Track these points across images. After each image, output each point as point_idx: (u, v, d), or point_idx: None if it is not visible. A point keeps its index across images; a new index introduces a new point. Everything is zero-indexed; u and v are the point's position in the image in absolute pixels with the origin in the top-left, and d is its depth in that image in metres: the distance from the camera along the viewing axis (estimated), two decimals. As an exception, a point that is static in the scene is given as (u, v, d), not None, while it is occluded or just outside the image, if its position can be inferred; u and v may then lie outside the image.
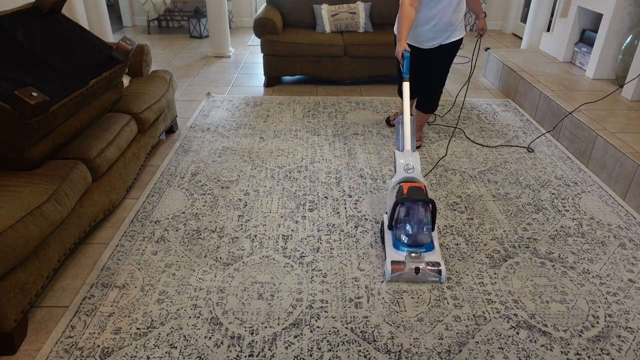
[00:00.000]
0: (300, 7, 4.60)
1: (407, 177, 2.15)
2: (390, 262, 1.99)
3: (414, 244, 2.02)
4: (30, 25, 2.20)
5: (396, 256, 2.02)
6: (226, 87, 4.42)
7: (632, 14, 3.57)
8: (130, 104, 2.72)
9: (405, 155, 2.21)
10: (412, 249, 2.02)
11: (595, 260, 2.14)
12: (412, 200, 1.98)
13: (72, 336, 1.72)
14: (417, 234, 2.02)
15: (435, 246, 2.05)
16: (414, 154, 2.21)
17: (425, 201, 1.97)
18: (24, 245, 1.61)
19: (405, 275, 1.98)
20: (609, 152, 2.76)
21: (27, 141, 1.86)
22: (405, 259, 1.99)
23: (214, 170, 2.88)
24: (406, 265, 1.97)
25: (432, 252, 2.03)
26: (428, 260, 1.99)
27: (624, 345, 1.71)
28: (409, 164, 2.18)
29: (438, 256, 2.02)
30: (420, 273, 1.96)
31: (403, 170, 2.17)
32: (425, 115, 3.16)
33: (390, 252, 2.05)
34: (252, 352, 1.66)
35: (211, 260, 2.11)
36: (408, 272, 1.97)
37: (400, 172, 2.17)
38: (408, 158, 2.19)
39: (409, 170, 2.16)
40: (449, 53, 2.91)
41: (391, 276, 1.98)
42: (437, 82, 3.02)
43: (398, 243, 2.05)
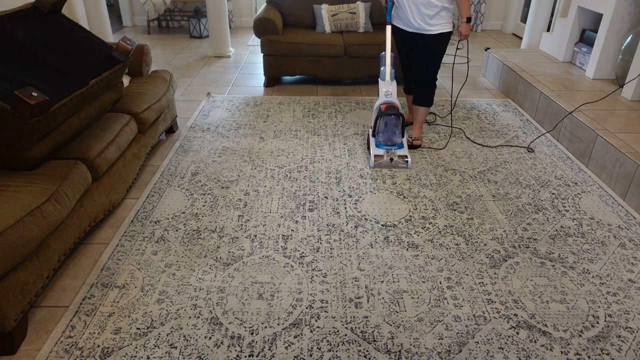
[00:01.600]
0: (300, 7, 4.60)
1: (386, 101, 2.90)
2: (374, 155, 2.89)
3: (390, 144, 2.94)
4: (30, 25, 2.20)
5: (378, 152, 2.91)
6: (226, 87, 4.42)
7: (632, 14, 3.57)
8: (130, 104, 2.72)
9: (385, 84, 2.96)
10: (388, 147, 2.93)
11: (595, 260, 2.14)
12: (388, 114, 2.82)
13: (72, 336, 1.72)
14: (391, 137, 2.92)
15: (404, 145, 2.94)
16: (392, 82, 2.96)
17: (397, 115, 2.82)
18: (24, 245, 1.61)
19: (383, 163, 2.87)
20: (609, 152, 2.76)
21: (27, 141, 1.86)
22: (384, 154, 2.89)
23: (214, 170, 2.88)
24: (384, 157, 2.87)
25: (402, 149, 2.93)
26: (399, 154, 2.89)
27: (624, 345, 1.71)
28: (388, 90, 2.94)
29: (406, 151, 2.92)
30: (393, 162, 2.87)
31: (384, 95, 2.94)
32: (420, 109, 3.17)
33: (374, 149, 2.92)
34: (252, 352, 1.66)
35: (211, 260, 2.11)
36: (385, 161, 2.87)
37: (382, 97, 2.94)
38: (388, 86, 2.95)
39: (388, 95, 2.93)
40: (428, 45, 2.96)
41: (374, 164, 2.88)
42: (421, 73, 3.07)
43: (379, 144, 2.95)
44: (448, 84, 4.48)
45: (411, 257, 2.15)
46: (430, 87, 3.12)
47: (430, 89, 3.12)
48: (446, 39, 2.96)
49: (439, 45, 2.96)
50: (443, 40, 2.95)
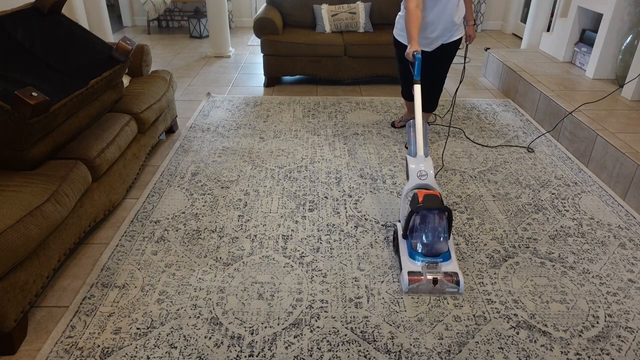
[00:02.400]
0: (300, 7, 4.60)
1: (421, 184, 2.10)
2: (407, 272, 1.93)
3: (430, 254, 1.96)
4: (30, 25, 2.20)
5: (413, 267, 1.95)
6: (226, 87, 4.42)
7: (632, 14, 3.57)
8: (130, 104, 2.72)
9: (418, 161, 2.16)
10: (428, 259, 1.95)
11: (595, 260, 2.14)
12: (428, 209, 1.92)
13: (72, 336, 1.72)
14: (433, 244, 1.96)
15: (452, 256, 1.98)
16: (427, 159, 2.16)
17: (442, 209, 1.92)
18: (24, 245, 1.61)
19: (422, 286, 1.91)
20: (609, 152, 2.76)
21: (27, 141, 1.86)
22: (422, 270, 1.93)
23: (214, 170, 2.88)
24: (424, 276, 1.91)
25: (449, 262, 1.96)
26: (445, 271, 1.92)
27: (624, 345, 1.71)
28: (422, 170, 2.13)
29: (455, 266, 1.95)
30: (438, 284, 1.90)
31: (416, 177, 2.12)
32: (425, 115, 3.17)
33: (406, 262, 1.97)
34: (252, 352, 1.66)
35: (211, 260, 2.11)
36: (425, 283, 1.90)
37: (414, 179, 2.12)
38: (421, 164, 2.14)
39: (422, 177, 2.11)
40: (449, 53, 2.94)
41: (409, 287, 1.91)
42: (437, 82, 3.05)
43: (414, 253, 1.98)
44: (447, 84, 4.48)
45: (411, 257, 2.14)
46: (439, 93, 3.13)
47: (438, 95, 3.13)
48: (460, 43, 2.95)
49: (455, 50, 2.95)
50: (458, 46, 2.94)
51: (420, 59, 2.43)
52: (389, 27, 4.62)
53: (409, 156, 2.21)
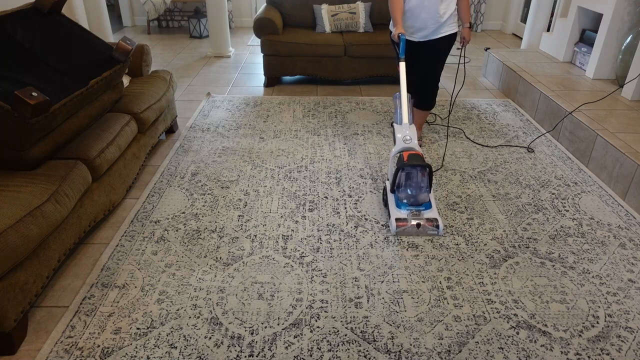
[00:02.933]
0: (300, 7, 4.60)
1: (406, 147, 2.38)
2: (395, 219, 2.27)
3: (415, 204, 2.30)
4: (30, 25, 2.20)
5: (399, 214, 2.29)
6: (226, 87, 4.42)
7: (632, 14, 3.57)
8: (130, 104, 2.72)
9: (403, 128, 2.46)
10: (413, 208, 2.30)
11: (595, 260, 2.14)
12: (412, 166, 2.22)
13: (72, 336, 1.72)
14: (416, 195, 2.29)
15: (432, 205, 2.33)
16: (411, 126, 2.46)
17: (423, 166, 2.23)
18: (24, 245, 1.61)
19: (408, 229, 2.25)
20: (609, 152, 2.76)
21: (27, 141, 1.86)
22: (408, 217, 2.27)
23: (214, 170, 2.88)
24: (409, 221, 2.25)
25: (431, 210, 2.31)
26: (427, 217, 2.27)
27: (624, 345, 1.71)
28: (406, 135, 2.43)
29: (435, 213, 2.30)
30: (421, 228, 2.25)
31: (402, 142, 2.42)
32: (423, 113, 3.16)
33: (394, 211, 2.32)
34: (252, 352, 1.66)
35: (211, 260, 2.11)
36: (410, 227, 2.25)
37: (400, 143, 2.42)
38: (406, 131, 2.45)
39: (407, 141, 2.41)
40: (438, 49, 2.91)
41: (396, 231, 2.26)
42: (429, 78, 3.03)
43: (400, 203, 2.32)
44: (447, 84, 4.48)
45: (411, 257, 2.15)
46: (435, 90, 3.10)
47: (434, 93, 3.10)
48: (454, 40, 2.94)
49: (448, 46, 2.93)
50: (452, 41, 2.93)
51: (404, 39, 2.65)
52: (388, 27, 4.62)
53: (395, 124, 2.52)
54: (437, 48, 2.91)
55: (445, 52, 2.95)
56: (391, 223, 2.29)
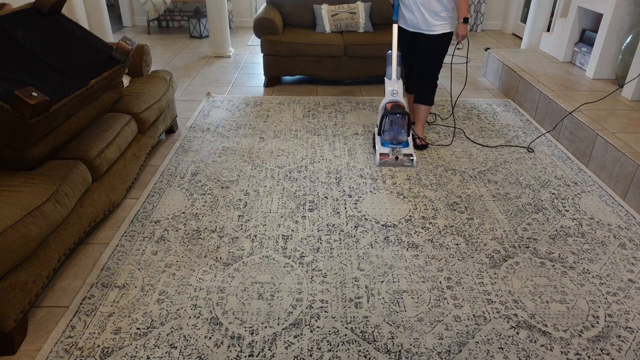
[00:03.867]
0: (300, 7, 4.60)
1: (392, 100, 2.92)
2: (379, 153, 2.91)
3: (395, 142, 2.95)
4: (30, 25, 2.20)
5: (383, 150, 2.92)
6: (226, 87, 4.42)
7: (632, 14, 3.57)
8: (130, 104, 2.72)
9: (392, 82, 2.96)
10: (393, 145, 2.94)
11: (595, 260, 2.14)
12: (394, 113, 2.85)
13: (72, 336, 1.72)
14: (397, 136, 2.94)
15: (409, 143, 2.96)
16: (399, 81, 2.96)
17: (403, 113, 2.85)
18: (24, 245, 1.61)
19: (389, 161, 2.89)
20: (609, 152, 2.76)
21: (27, 141, 1.86)
22: (389, 152, 2.90)
23: (214, 170, 2.88)
24: (389, 155, 2.88)
25: (408, 147, 2.94)
26: (404, 153, 2.90)
27: (624, 345, 1.71)
28: (394, 89, 2.95)
29: (411, 149, 2.94)
30: (399, 160, 2.88)
31: (390, 94, 2.95)
32: (422, 107, 3.17)
33: (379, 147, 2.94)
34: (252, 352, 1.66)
35: (211, 260, 2.11)
36: (391, 159, 2.88)
37: (388, 96, 2.95)
38: (394, 85, 2.95)
39: (394, 94, 2.95)
40: (431, 45, 2.97)
41: (379, 162, 2.89)
42: (422, 71, 3.08)
43: (384, 142, 2.96)
44: (448, 83, 4.48)
45: (411, 257, 2.15)
46: (431, 86, 3.13)
47: (431, 88, 3.13)
48: (448, 39, 2.97)
49: (441, 45, 2.98)
50: (445, 40, 2.96)
51: (397, 3, 2.95)
52: (389, 27, 4.61)
53: (386, 78, 2.99)
54: (431, 44, 2.97)
55: (440, 49, 3.00)
56: (376, 157, 2.91)
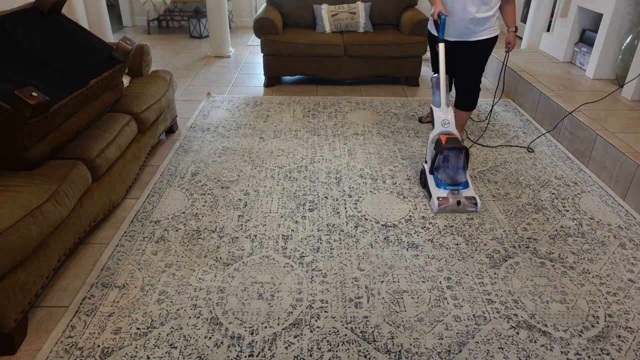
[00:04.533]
0: (300, 7, 4.60)
1: (444, 131, 2.57)
2: (437, 198, 2.47)
3: (453, 184, 2.51)
4: (30, 25, 2.20)
5: (441, 193, 2.49)
6: (226, 87, 4.42)
7: (632, 14, 3.57)
8: (130, 104, 2.72)
9: (442, 111, 2.61)
10: (452, 187, 2.50)
11: (595, 260, 2.14)
12: (450, 149, 2.43)
13: (72, 336, 1.72)
14: (455, 176, 2.51)
15: (469, 184, 2.53)
16: (449, 109, 2.61)
17: (460, 148, 2.44)
18: (24, 245, 1.61)
19: (449, 207, 2.45)
20: (609, 152, 2.76)
21: (27, 141, 1.86)
22: (448, 195, 2.47)
23: (214, 170, 2.88)
24: (449, 200, 2.45)
25: (468, 189, 2.52)
26: (466, 196, 2.48)
27: (624, 345, 1.71)
28: (445, 119, 2.60)
29: (472, 192, 2.52)
30: (460, 205, 2.45)
31: (441, 125, 2.60)
32: (464, 113, 3.14)
33: (435, 190, 2.52)
34: (252, 352, 1.66)
35: (211, 260, 2.11)
36: (452, 204, 2.44)
37: (438, 126, 2.60)
38: (445, 114, 2.61)
39: (445, 125, 2.59)
40: (474, 51, 2.87)
41: (438, 209, 2.45)
42: (467, 78, 2.99)
43: (440, 183, 2.52)
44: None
45: (411, 257, 2.15)
46: (475, 92, 3.06)
47: (474, 93, 3.07)
48: (494, 43, 2.89)
49: (487, 49, 2.89)
50: (492, 45, 2.88)
51: (445, 19, 2.67)
52: (389, 27, 4.63)
53: (433, 106, 2.65)
54: (473, 50, 2.86)
55: (483, 55, 2.90)
56: (433, 202, 2.48)
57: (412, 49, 4.25)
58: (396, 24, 4.69)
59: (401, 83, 4.58)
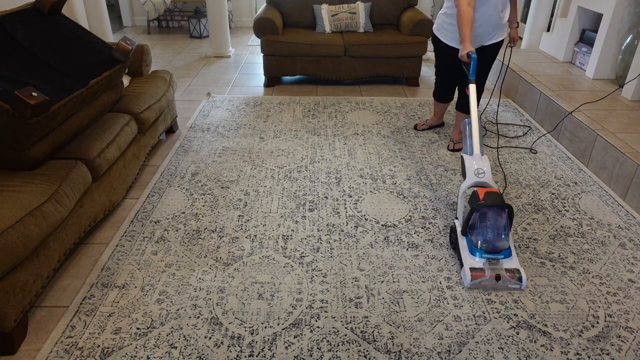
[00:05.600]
0: (300, 7, 4.60)
1: (479, 182, 2.14)
2: (470, 268, 1.95)
3: (492, 251, 1.99)
4: (30, 25, 2.20)
5: (474, 263, 1.98)
6: (226, 87, 4.42)
7: (632, 14, 3.57)
8: (130, 104, 2.72)
9: (475, 159, 2.18)
10: (490, 256, 1.99)
11: (595, 260, 2.14)
12: (489, 206, 1.95)
13: (72, 336, 1.72)
14: (494, 241, 1.99)
15: (512, 252, 2.01)
16: (484, 157, 2.19)
17: (503, 206, 1.95)
18: (24, 245, 1.61)
19: (485, 282, 1.94)
20: (609, 152, 2.76)
21: (27, 141, 1.86)
22: (484, 266, 1.96)
23: (214, 170, 2.88)
24: (486, 272, 1.94)
25: (510, 259, 1.99)
26: (507, 267, 1.96)
27: (624, 345, 1.71)
28: (480, 168, 2.15)
29: (516, 262, 1.99)
30: (500, 280, 1.93)
31: (474, 175, 2.15)
32: (465, 116, 3.12)
33: (467, 258, 2.01)
34: (252, 352, 1.66)
35: (211, 260, 2.11)
36: (488, 279, 1.93)
37: (471, 177, 2.15)
38: (479, 162, 2.17)
39: (480, 175, 2.15)
40: (489, 55, 2.86)
41: (471, 283, 1.94)
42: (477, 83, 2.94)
43: (475, 249, 2.01)
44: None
45: (411, 257, 2.15)
46: (480, 93, 3.05)
47: (480, 95, 3.06)
48: (500, 47, 2.89)
49: (497, 51, 2.90)
50: (498, 48, 2.89)
51: (475, 59, 2.43)
52: (389, 27, 4.63)
53: (464, 154, 2.24)
54: (487, 54, 2.85)
55: (493, 58, 2.91)
56: (465, 273, 1.97)
57: (412, 49, 4.25)
58: (396, 24, 4.69)
59: (401, 83, 4.58)
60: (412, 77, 4.46)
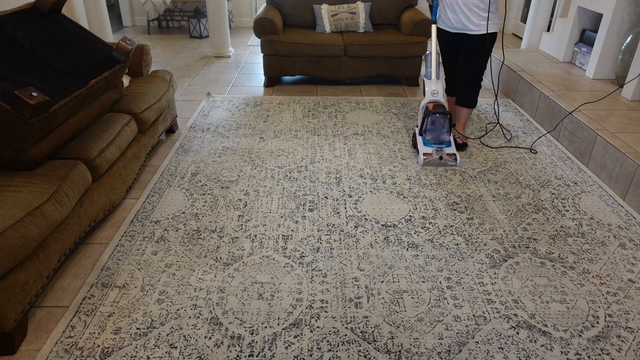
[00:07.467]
0: (300, 7, 4.60)
1: (432, 100, 2.94)
2: (423, 153, 2.91)
3: (438, 142, 2.94)
4: (30, 25, 2.20)
5: (427, 150, 2.93)
6: (226, 87, 4.42)
7: (632, 14, 3.57)
8: (130, 104, 2.72)
9: (432, 82, 2.98)
10: (436, 145, 2.94)
11: (595, 260, 2.14)
12: (435, 113, 2.85)
13: (72, 336, 1.72)
14: (439, 135, 2.94)
15: (451, 143, 2.96)
16: (438, 81, 2.97)
17: (444, 113, 2.86)
18: (24, 245, 1.61)
19: (432, 161, 2.88)
20: (609, 152, 2.76)
21: (27, 141, 1.86)
22: (432, 152, 2.90)
23: (214, 170, 2.88)
24: (433, 155, 2.88)
25: (450, 147, 2.94)
26: (448, 152, 2.90)
27: (624, 345, 1.71)
28: (435, 89, 2.96)
29: (454, 149, 2.94)
30: (442, 160, 2.87)
31: (430, 94, 2.97)
32: (464, 110, 3.15)
33: (422, 147, 2.95)
34: (252, 352, 1.66)
35: (211, 260, 2.11)
36: (435, 159, 2.87)
37: (428, 96, 2.97)
38: (434, 85, 2.97)
39: (434, 94, 2.96)
40: (473, 45, 2.91)
41: (423, 162, 2.89)
42: (465, 73, 3.03)
43: (427, 142, 2.96)
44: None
45: (411, 257, 2.15)
46: (474, 88, 3.08)
47: (474, 90, 3.09)
48: (493, 39, 2.90)
49: (485, 44, 2.89)
50: (491, 40, 2.88)
51: (437, 2, 2.95)
52: (389, 27, 4.63)
53: (425, 78, 3.03)
54: (475, 44, 2.90)
55: (485, 49, 2.91)
56: (419, 157, 2.91)
57: (412, 49, 4.25)
58: (396, 24, 4.69)
59: (401, 83, 4.58)
60: (412, 77, 4.46)
